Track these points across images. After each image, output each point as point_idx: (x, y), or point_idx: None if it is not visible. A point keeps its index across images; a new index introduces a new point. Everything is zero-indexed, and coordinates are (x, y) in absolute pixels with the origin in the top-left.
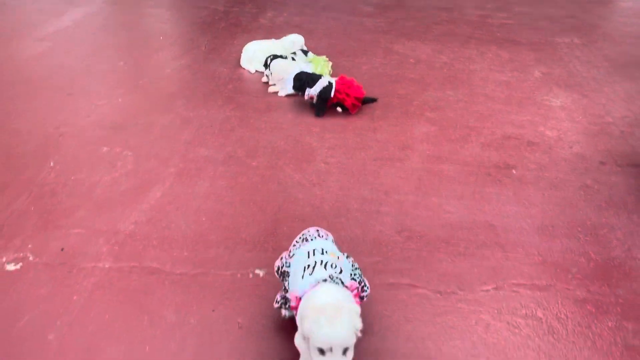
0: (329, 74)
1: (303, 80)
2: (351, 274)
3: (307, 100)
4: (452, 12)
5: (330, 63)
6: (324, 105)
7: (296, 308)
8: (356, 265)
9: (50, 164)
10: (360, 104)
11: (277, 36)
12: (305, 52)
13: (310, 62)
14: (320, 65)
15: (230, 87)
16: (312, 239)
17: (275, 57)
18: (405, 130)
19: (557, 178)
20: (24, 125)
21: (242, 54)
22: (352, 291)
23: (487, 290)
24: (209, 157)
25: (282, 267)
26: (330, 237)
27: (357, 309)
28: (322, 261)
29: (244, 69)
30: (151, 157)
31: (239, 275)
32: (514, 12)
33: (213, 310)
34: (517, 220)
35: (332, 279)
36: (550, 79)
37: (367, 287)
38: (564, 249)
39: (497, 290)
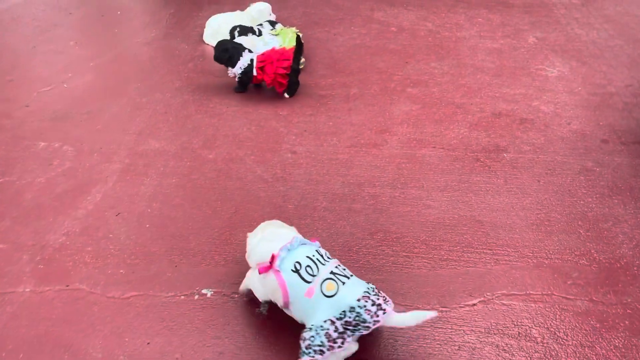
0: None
1: (229, 52)
2: None
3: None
4: None
5: (301, 34)
6: (246, 85)
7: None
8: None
9: None
10: (286, 81)
11: (247, 5)
12: (272, 24)
13: (277, 34)
14: (288, 38)
15: (190, 66)
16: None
17: (241, 28)
18: (384, 110)
19: (554, 161)
20: None
21: (205, 29)
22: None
23: (473, 305)
24: (160, 150)
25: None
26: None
27: None
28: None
29: (207, 44)
30: (94, 152)
31: (182, 297)
32: None
33: (148, 343)
34: (508, 214)
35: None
36: (546, 45)
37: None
38: (563, 248)
39: (485, 304)
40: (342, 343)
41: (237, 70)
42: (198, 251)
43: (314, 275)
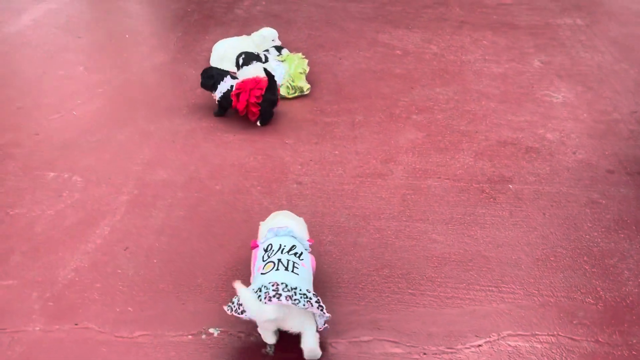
0: (305, 72)
1: (214, 79)
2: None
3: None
4: None
5: (307, 60)
6: (225, 109)
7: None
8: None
9: None
10: (257, 110)
11: (254, 28)
12: (278, 49)
13: (283, 61)
14: (294, 64)
15: (197, 92)
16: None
17: (246, 55)
18: (389, 138)
19: (560, 193)
20: None
21: (212, 53)
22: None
23: (479, 345)
24: (168, 181)
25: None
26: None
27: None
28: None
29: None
30: (102, 182)
31: (189, 336)
32: None
33: None
34: (513, 249)
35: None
36: (551, 69)
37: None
38: (569, 286)
39: (491, 345)
40: (242, 312)
41: (217, 94)
42: (205, 288)
43: (269, 257)
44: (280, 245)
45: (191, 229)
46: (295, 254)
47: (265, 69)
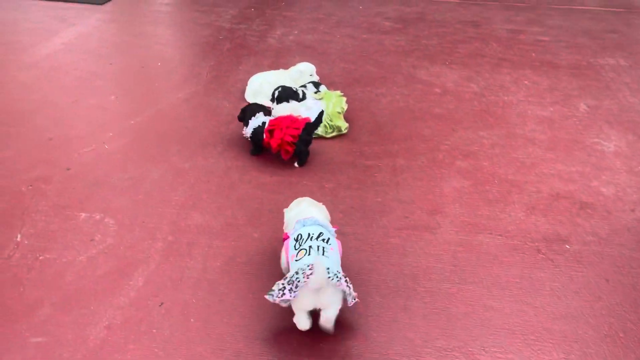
0: (343, 112)
1: (246, 114)
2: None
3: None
4: (479, 27)
5: (345, 98)
6: (258, 147)
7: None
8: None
9: (17, 237)
10: (292, 149)
11: (286, 59)
12: (316, 85)
13: (321, 99)
14: (332, 102)
15: (231, 127)
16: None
17: (283, 89)
18: (433, 185)
19: (623, 256)
20: None
21: (247, 87)
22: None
23: None
24: (204, 226)
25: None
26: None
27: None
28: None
29: (248, 103)
30: (136, 226)
31: None
32: (547, 25)
33: None
34: (577, 322)
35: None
36: (599, 114)
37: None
38: None
39: None
40: (283, 295)
41: (249, 131)
42: (247, 354)
43: (300, 245)
44: (309, 233)
45: (228, 283)
46: (323, 239)
47: (319, 115)
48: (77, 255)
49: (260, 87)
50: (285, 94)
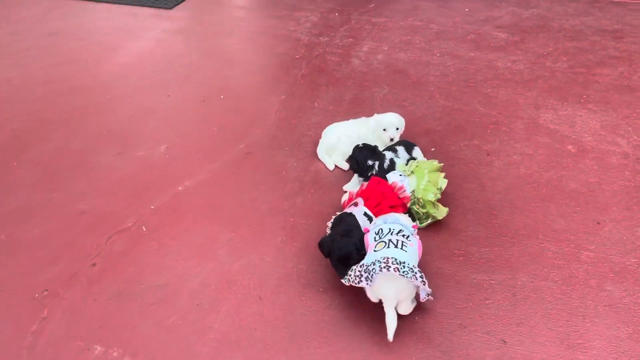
0: (439, 195)
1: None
2: None
3: None
4: (622, 40)
5: (443, 174)
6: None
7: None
8: None
9: None
10: None
11: (372, 91)
12: (409, 148)
13: (411, 174)
14: (424, 180)
15: (298, 201)
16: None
17: (367, 149)
18: (572, 330)
19: None
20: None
21: (320, 140)
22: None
23: None
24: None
25: None
26: None
27: None
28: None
29: (321, 162)
30: None
31: None
32: None
33: None
34: None
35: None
36: None
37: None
38: None
39: None
40: (359, 282)
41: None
42: None
43: (380, 238)
44: (390, 228)
45: None
46: (403, 235)
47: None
48: None
49: (337, 141)
50: (366, 159)
